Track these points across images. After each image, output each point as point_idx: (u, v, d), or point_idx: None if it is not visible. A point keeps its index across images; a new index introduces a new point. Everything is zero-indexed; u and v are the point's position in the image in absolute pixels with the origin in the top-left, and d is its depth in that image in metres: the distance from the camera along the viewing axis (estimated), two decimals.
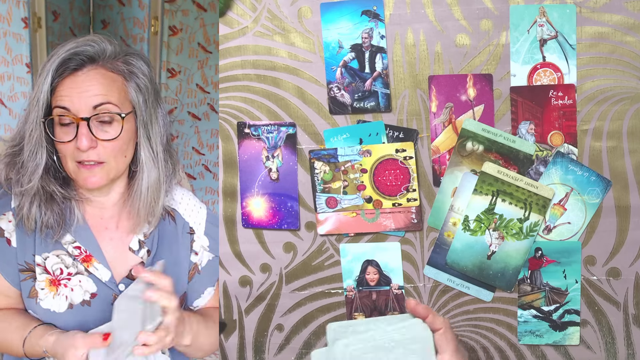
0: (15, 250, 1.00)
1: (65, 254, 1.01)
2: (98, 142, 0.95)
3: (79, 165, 0.96)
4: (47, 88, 0.94)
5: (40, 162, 0.97)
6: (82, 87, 0.95)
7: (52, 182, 0.99)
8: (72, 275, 1.01)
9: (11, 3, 2.37)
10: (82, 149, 0.94)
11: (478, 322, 1.13)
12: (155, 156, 1.02)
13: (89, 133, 0.94)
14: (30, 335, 0.96)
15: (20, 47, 2.43)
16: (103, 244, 1.04)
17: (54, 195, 0.99)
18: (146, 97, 1.00)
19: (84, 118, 0.94)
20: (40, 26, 2.45)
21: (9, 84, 2.46)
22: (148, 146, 1.02)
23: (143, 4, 2.86)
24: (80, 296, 1.01)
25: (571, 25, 1.05)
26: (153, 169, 1.02)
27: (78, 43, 0.97)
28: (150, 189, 1.03)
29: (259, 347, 1.20)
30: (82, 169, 0.96)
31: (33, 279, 1.00)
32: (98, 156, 0.96)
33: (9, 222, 1.01)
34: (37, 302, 1.00)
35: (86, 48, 0.96)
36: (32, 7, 2.40)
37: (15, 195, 1.00)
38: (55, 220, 0.99)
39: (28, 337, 0.96)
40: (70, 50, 0.96)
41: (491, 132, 1.08)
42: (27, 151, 0.97)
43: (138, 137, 1.01)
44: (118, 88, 0.97)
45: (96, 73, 0.96)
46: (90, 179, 0.97)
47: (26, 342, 0.96)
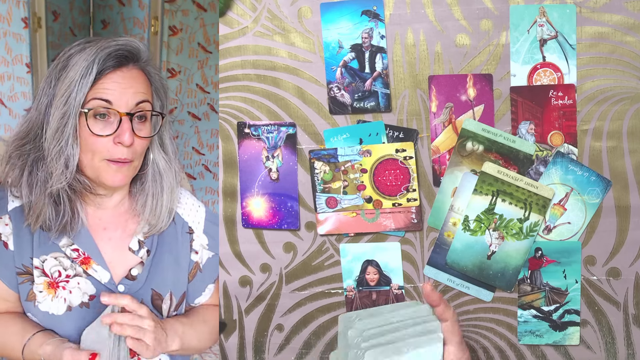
0: (12, 254, 1.00)
1: (63, 256, 1.01)
2: (135, 139, 0.96)
3: (109, 162, 0.96)
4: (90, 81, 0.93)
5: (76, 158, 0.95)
6: (127, 83, 0.95)
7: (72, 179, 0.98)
8: (70, 278, 1.01)
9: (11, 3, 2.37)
10: (125, 144, 0.94)
11: (478, 322, 1.13)
12: (170, 160, 1.05)
13: (132, 129, 0.95)
14: (30, 342, 0.96)
15: (20, 47, 2.43)
16: (101, 245, 1.04)
17: (62, 196, 0.98)
18: (163, 103, 1.03)
19: (128, 113, 0.94)
20: (40, 26, 2.45)
21: (9, 84, 2.46)
22: (162, 151, 1.05)
23: (143, 4, 2.86)
24: (79, 298, 1.01)
25: (571, 25, 1.05)
26: (169, 172, 1.05)
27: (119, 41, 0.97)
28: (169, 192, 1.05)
29: (259, 347, 1.20)
30: (112, 165, 0.96)
31: (31, 282, 1.00)
32: (133, 154, 0.97)
33: (5, 226, 1.00)
34: (36, 305, 0.99)
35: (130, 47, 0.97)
36: (32, 7, 2.40)
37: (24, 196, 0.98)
38: (62, 223, 0.98)
39: (27, 344, 0.96)
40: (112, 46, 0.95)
41: (491, 132, 1.08)
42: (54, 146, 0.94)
43: (152, 142, 1.03)
44: (150, 91, 1.00)
45: (138, 72, 0.98)
46: (117, 175, 0.97)
47: (25, 349, 0.96)
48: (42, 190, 0.96)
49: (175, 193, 1.08)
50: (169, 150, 1.06)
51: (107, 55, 0.94)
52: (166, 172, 1.05)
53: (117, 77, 0.95)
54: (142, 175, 1.05)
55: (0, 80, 2.43)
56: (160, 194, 1.05)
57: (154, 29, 2.83)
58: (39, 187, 0.97)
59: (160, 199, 1.05)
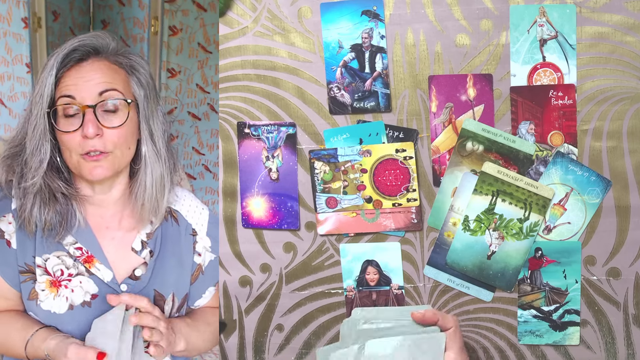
0: (15, 252, 1.00)
1: (66, 255, 1.01)
2: (104, 130, 0.96)
3: (84, 156, 0.96)
4: (52, 80, 0.94)
5: (45, 157, 0.97)
6: (87, 76, 0.96)
7: (55, 178, 0.99)
8: (72, 277, 1.01)
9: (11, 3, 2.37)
10: (89, 136, 0.94)
11: (478, 322, 1.13)
12: (158, 151, 1.04)
13: (95, 120, 0.95)
14: (33, 338, 0.96)
15: (20, 47, 2.44)
16: (104, 244, 1.04)
17: (56, 195, 0.99)
18: (147, 92, 1.02)
19: (89, 105, 0.94)
20: (40, 26, 2.45)
21: (9, 84, 2.46)
22: (151, 141, 1.03)
23: (143, 4, 2.86)
24: (81, 297, 1.01)
25: (571, 25, 1.05)
26: (157, 164, 1.03)
27: (81, 37, 0.98)
28: (155, 184, 1.03)
29: (259, 347, 1.20)
30: (87, 159, 0.96)
31: (33, 281, 1.00)
32: (104, 146, 0.96)
33: (9, 224, 1.00)
34: (38, 304, 1.00)
35: (91, 41, 0.98)
36: (32, 7, 2.40)
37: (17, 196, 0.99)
38: (57, 220, 0.99)
39: (30, 340, 0.96)
40: (74, 43, 0.97)
41: (491, 132, 1.08)
42: (30, 147, 0.97)
43: (141, 133, 1.02)
44: (122, 80, 0.99)
45: (100, 64, 0.98)
46: (95, 169, 0.97)
47: (28, 345, 0.96)
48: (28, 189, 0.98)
49: (167, 186, 1.06)
50: (158, 140, 1.04)
51: (68, 52, 0.95)
52: (154, 162, 1.03)
53: (76, 72, 0.96)
54: (138, 169, 1.04)
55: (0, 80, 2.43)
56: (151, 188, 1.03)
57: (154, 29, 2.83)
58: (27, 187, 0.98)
59: (149, 190, 1.03)
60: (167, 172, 1.05)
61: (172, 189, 1.09)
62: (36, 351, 0.96)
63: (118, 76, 0.98)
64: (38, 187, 0.97)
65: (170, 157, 1.06)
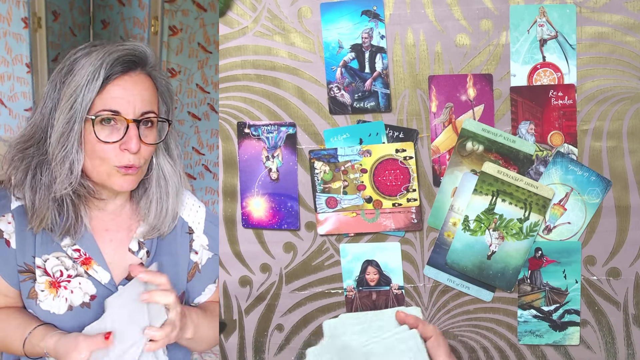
0: (14, 252, 1.00)
1: (65, 256, 1.01)
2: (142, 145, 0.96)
3: (119, 168, 0.95)
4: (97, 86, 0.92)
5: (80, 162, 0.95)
6: (133, 90, 0.94)
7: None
8: (71, 278, 1.01)
9: (11, 3, 2.37)
10: (132, 151, 0.93)
11: (478, 322, 1.13)
12: (175, 164, 1.06)
13: (138, 136, 0.94)
14: (31, 335, 0.96)
15: (20, 47, 2.44)
16: (103, 246, 1.04)
17: (66, 199, 0.98)
18: (169, 107, 1.03)
19: (135, 120, 0.94)
20: (40, 26, 2.45)
21: (9, 84, 2.46)
22: (167, 155, 1.05)
23: (143, 4, 2.86)
24: (80, 298, 1.01)
25: (571, 25, 1.05)
26: (174, 177, 1.06)
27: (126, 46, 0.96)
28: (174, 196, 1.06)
29: (259, 347, 1.20)
30: (120, 171, 0.95)
31: (32, 280, 1.00)
32: (139, 161, 0.96)
33: (8, 224, 1.00)
34: (37, 304, 1.00)
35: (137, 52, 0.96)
36: (32, 7, 2.40)
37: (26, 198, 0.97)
38: (66, 225, 0.98)
39: (29, 338, 0.96)
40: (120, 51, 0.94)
41: (491, 132, 1.08)
42: (59, 151, 0.94)
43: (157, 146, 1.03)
44: (154, 95, 0.99)
45: (143, 78, 0.97)
46: (125, 182, 0.97)
47: (26, 343, 0.96)
48: (45, 194, 0.96)
49: (181, 197, 1.08)
50: (174, 154, 1.06)
51: (115, 60, 0.93)
52: (172, 176, 1.05)
53: (124, 82, 0.94)
54: (146, 179, 1.04)
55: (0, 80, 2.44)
56: (166, 198, 1.05)
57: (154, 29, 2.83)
58: (43, 191, 0.96)
59: (166, 203, 1.05)
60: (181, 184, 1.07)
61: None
62: (34, 349, 0.96)
63: (154, 92, 0.99)
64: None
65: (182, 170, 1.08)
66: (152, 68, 0.99)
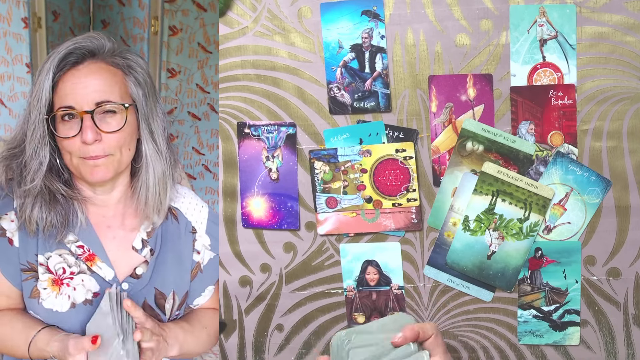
0: (17, 250, 1.00)
1: (68, 253, 1.01)
2: (102, 135, 0.96)
3: (84, 159, 0.97)
4: (49, 85, 0.94)
5: (44, 160, 0.97)
6: (84, 82, 0.95)
7: (55, 180, 0.99)
8: (74, 275, 1.01)
9: (11, 3, 2.37)
10: (88, 142, 0.94)
11: (478, 322, 1.13)
12: (159, 149, 1.04)
13: (94, 126, 0.95)
14: (36, 339, 0.96)
15: (20, 47, 2.43)
16: (106, 243, 1.04)
17: (57, 196, 0.99)
18: (146, 91, 1.02)
19: (87, 111, 0.94)
20: (40, 26, 2.45)
21: (9, 84, 2.46)
22: (151, 140, 1.03)
23: (143, 4, 2.86)
24: (83, 295, 1.01)
25: (571, 25, 1.05)
26: (158, 162, 1.04)
27: (77, 39, 0.98)
28: (158, 182, 1.04)
29: (259, 347, 1.20)
30: (88, 162, 0.97)
31: (35, 279, 1.00)
32: (103, 150, 0.97)
33: (11, 222, 1.01)
34: (39, 302, 1.00)
35: (86, 43, 0.98)
36: (32, 7, 2.40)
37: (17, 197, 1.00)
38: (58, 221, 0.99)
39: (33, 341, 0.96)
40: (69, 46, 0.96)
41: (491, 132, 1.08)
42: (29, 150, 0.97)
43: (140, 132, 1.02)
44: (118, 82, 0.99)
45: (97, 67, 0.97)
46: (96, 171, 0.97)
47: (31, 346, 0.96)
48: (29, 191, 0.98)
49: (169, 184, 1.06)
50: (158, 138, 1.04)
51: (64, 56, 0.95)
52: (154, 161, 1.03)
53: (73, 77, 0.96)
54: (137, 168, 1.04)
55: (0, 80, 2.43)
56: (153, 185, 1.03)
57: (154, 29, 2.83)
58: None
59: (152, 189, 1.04)
60: (168, 169, 1.05)
61: (174, 185, 1.09)
62: (41, 353, 0.96)
63: (115, 79, 0.98)
64: (39, 189, 0.98)
65: (170, 154, 1.07)
66: (112, 55, 0.99)
